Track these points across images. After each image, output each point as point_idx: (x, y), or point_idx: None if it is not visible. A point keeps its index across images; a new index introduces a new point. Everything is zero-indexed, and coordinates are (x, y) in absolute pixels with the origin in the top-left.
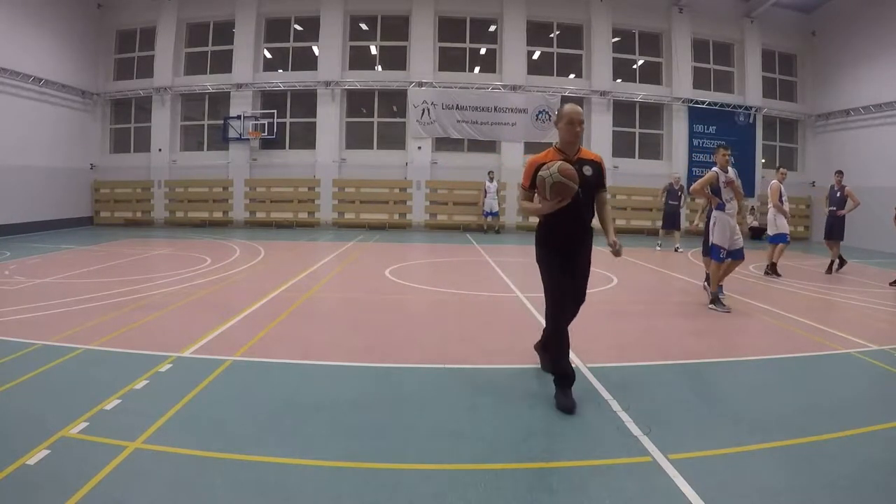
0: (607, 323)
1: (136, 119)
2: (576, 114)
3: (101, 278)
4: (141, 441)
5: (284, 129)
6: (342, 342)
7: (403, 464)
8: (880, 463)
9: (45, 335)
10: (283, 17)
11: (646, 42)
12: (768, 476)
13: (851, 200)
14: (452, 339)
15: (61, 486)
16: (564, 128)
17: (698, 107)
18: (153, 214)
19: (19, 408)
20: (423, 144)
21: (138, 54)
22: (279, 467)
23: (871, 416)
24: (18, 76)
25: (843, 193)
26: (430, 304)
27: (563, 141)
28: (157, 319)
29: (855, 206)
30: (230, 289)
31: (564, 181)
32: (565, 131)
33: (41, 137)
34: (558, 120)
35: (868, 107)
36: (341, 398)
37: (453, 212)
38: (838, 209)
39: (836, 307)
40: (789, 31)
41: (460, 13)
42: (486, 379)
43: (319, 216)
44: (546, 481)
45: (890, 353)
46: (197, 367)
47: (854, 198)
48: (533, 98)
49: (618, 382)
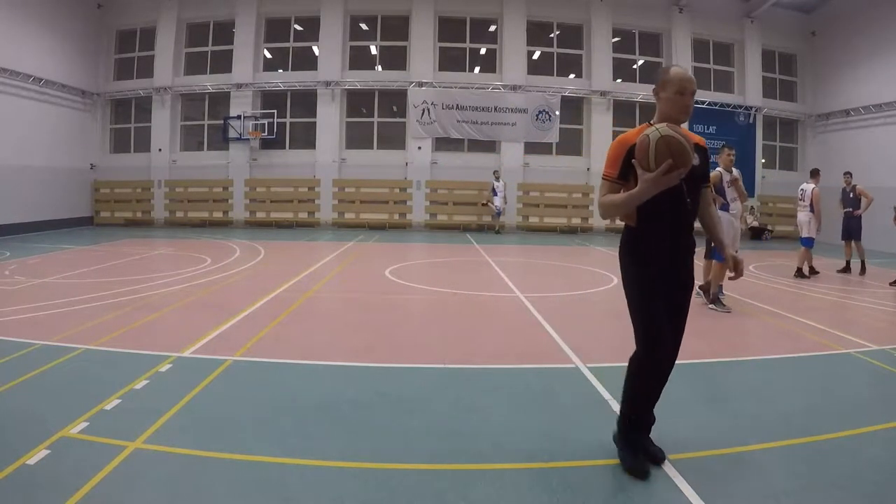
0: (607, 323)
1: (136, 119)
2: (689, 81)
3: (101, 278)
4: (141, 441)
5: (284, 129)
6: (342, 342)
7: (403, 464)
8: (880, 463)
9: (45, 335)
10: (283, 17)
11: (646, 42)
12: (768, 476)
13: (865, 198)
14: (452, 339)
15: (61, 486)
16: (672, 98)
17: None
18: (153, 214)
19: (19, 408)
20: (423, 144)
21: (138, 54)
22: (279, 467)
23: (871, 416)
24: (18, 76)
25: (856, 193)
26: (430, 304)
27: (666, 115)
28: (157, 319)
29: (870, 203)
30: (230, 289)
31: (677, 136)
32: (673, 103)
33: (41, 137)
34: (662, 87)
35: (868, 107)
36: (341, 398)
37: (453, 212)
38: (854, 210)
39: (837, 307)
40: (789, 31)
41: (460, 13)
42: (486, 379)
43: (319, 216)
44: (546, 481)
45: (890, 353)
46: (197, 367)
47: (867, 195)
48: (533, 98)
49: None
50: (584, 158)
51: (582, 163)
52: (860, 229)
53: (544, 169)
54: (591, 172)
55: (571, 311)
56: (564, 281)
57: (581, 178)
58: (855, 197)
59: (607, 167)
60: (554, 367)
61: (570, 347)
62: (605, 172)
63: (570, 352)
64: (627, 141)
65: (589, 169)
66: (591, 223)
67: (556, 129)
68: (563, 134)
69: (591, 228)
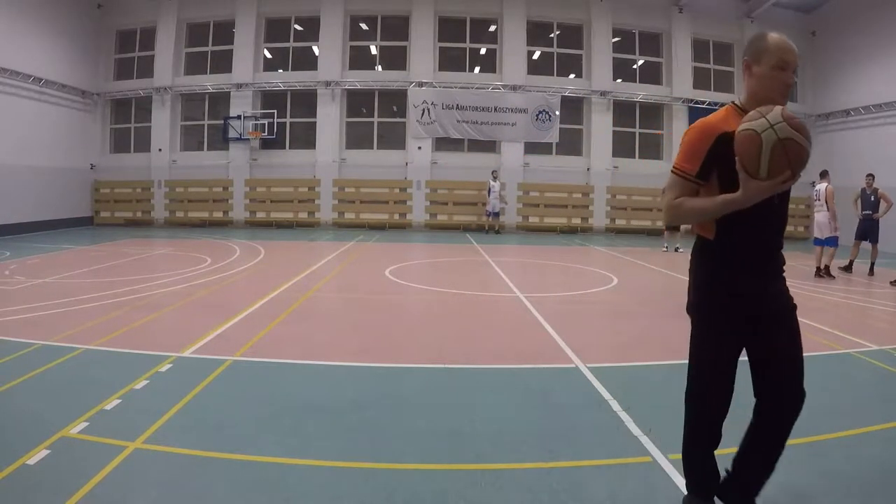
0: (607, 323)
1: (136, 119)
2: (792, 53)
3: (101, 278)
4: (141, 441)
5: (284, 129)
6: (342, 342)
7: (403, 464)
8: (880, 463)
9: (45, 335)
10: (283, 17)
11: (646, 42)
12: (773, 477)
13: (885, 202)
14: (452, 339)
15: (61, 486)
16: (769, 74)
17: (698, 107)
18: (153, 214)
19: (19, 408)
20: (424, 144)
21: (138, 54)
22: (279, 467)
23: (871, 416)
24: (18, 76)
25: (877, 196)
26: (430, 304)
27: (758, 96)
28: (157, 319)
29: (888, 208)
30: (230, 289)
31: (799, 140)
32: (769, 81)
33: (41, 137)
34: (756, 58)
35: (868, 107)
36: (341, 398)
37: (453, 212)
38: (873, 213)
39: (837, 307)
40: (789, 31)
41: (460, 13)
42: (486, 379)
43: (319, 216)
44: (546, 481)
45: (890, 353)
46: (197, 367)
47: (888, 199)
48: (533, 98)
49: (618, 382)
50: (584, 158)
51: (582, 163)
52: (877, 232)
53: (544, 169)
54: (591, 172)
55: (571, 311)
56: (564, 281)
57: (581, 178)
58: (876, 200)
59: (684, 160)
60: (554, 367)
61: (570, 347)
62: (678, 166)
63: (570, 352)
64: (714, 129)
65: (589, 169)
66: (591, 223)
67: (556, 129)
68: (563, 134)
69: (591, 228)
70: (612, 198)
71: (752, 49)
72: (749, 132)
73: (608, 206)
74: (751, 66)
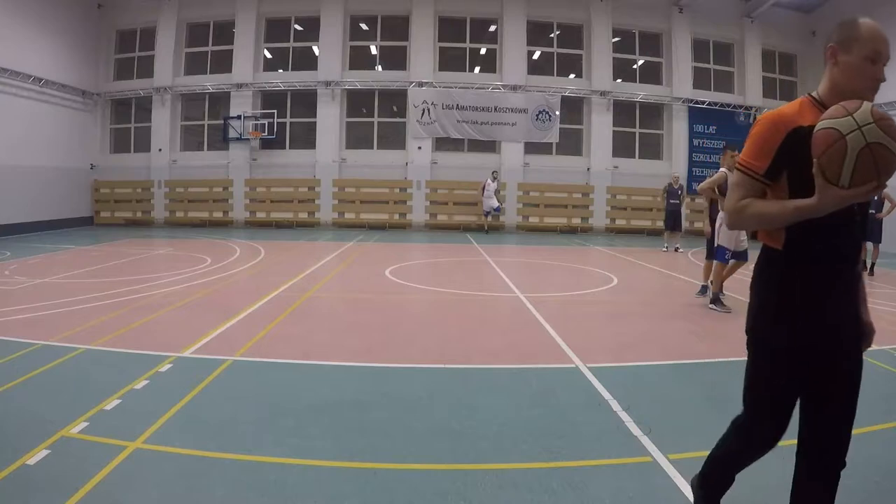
0: (607, 323)
1: (136, 119)
2: (886, 44)
3: (101, 278)
4: (141, 441)
5: (284, 129)
6: (342, 342)
7: (403, 464)
8: (880, 463)
9: (45, 335)
10: (283, 17)
11: (646, 42)
12: (768, 476)
13: (889, 202)
14: (452, 339)
15: (61, 486)
16: (858, 66)
17: (698, 107)
18: (153, 214)
19: (19, 408)
20: (424, 144)
21: (138, 54)
22: (279, 467)
23: (871, 416)
24: (18, 76)
25: (881, 197)
26: (430, 304)
27: (841, 88)
28: (157, 319)
29: (892, 209)
30: (230, 289)
31: (890, 144)
32: (857, 72)
33: (41, 137)
34: (846, 47)
35: None
36: (341, 398)
37: (453, 212)
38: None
39: None
40: (789, 31)
41: (460, 13)
42: (486, 379)
43: (319, 216)
44: (546, 481)
45: (890, 353)
46: (197, 367)
47: (892, 199)
48: (533, 98)
49: (618, 382)
50: (584, 158)
51: (582, 163)
52: (880, 232)
53: (544, 169)
54: (591, 172)
55: (571, 311)
56: (564, 281)
57: (581, 178)
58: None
59: (751, 155)
60: (554, 367)
61: (570, 347)
62: (745, 161)
63: (570, 352)
64: (788, 122)
65: (589, 169)
66: (591, 223)
67: (557, 129)
68: (563, 134)
69: (590, 228)
70: (612, 198)
71: (841, 35)
72: (831, 131)
73: (608, 206)
74: (837, 53)
